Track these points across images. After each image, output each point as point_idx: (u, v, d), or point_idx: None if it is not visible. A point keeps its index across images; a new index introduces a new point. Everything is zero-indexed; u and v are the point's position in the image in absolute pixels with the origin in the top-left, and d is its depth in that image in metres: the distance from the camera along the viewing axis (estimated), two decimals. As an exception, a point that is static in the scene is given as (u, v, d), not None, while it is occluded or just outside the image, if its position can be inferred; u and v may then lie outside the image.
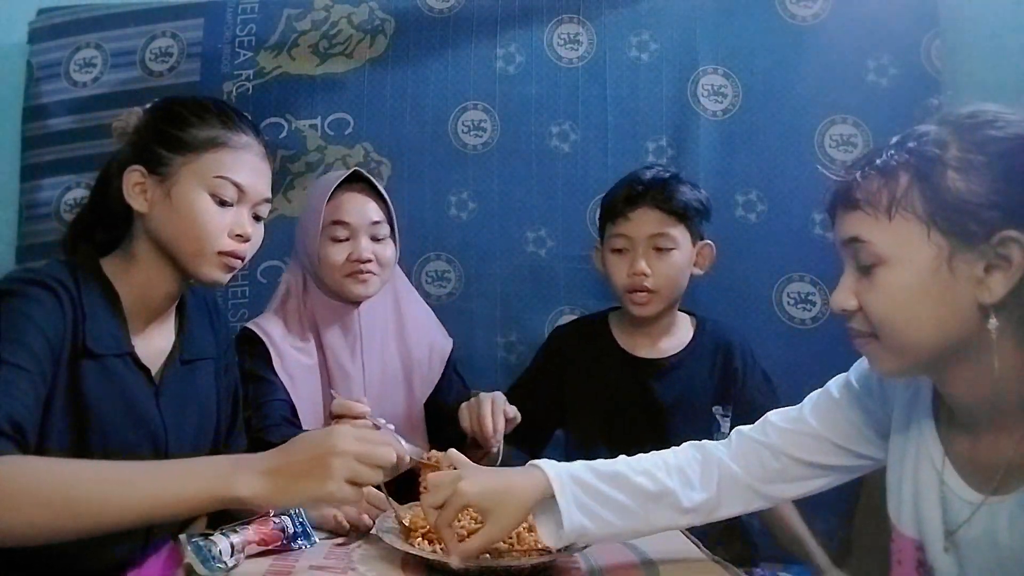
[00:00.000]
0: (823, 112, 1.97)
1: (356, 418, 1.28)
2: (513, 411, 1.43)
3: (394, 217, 1.60)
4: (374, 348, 1.60)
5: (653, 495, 1.08)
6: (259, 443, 1.34)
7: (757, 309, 1.96)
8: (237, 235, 1.17)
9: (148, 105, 1.23)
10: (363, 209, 1.55)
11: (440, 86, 2.06)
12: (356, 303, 1.58)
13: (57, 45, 2.15)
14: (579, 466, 1.08)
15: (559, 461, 1.14)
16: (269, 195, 1.23)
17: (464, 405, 1.45)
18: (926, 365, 0.93)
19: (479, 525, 1.08)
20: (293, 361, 1.52)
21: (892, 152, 0.90)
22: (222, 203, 1.16)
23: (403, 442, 1.21)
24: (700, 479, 1.10)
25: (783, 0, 2.00)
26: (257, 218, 1.22)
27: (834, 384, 1.13)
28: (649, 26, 2.04)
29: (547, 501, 1.04)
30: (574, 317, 1.97)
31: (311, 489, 0.90)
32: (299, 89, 2.07)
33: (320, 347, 1.57)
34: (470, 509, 1.10)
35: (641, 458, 1.13)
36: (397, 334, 1.65)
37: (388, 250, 1.57)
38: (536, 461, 1.07)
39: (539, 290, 2.03)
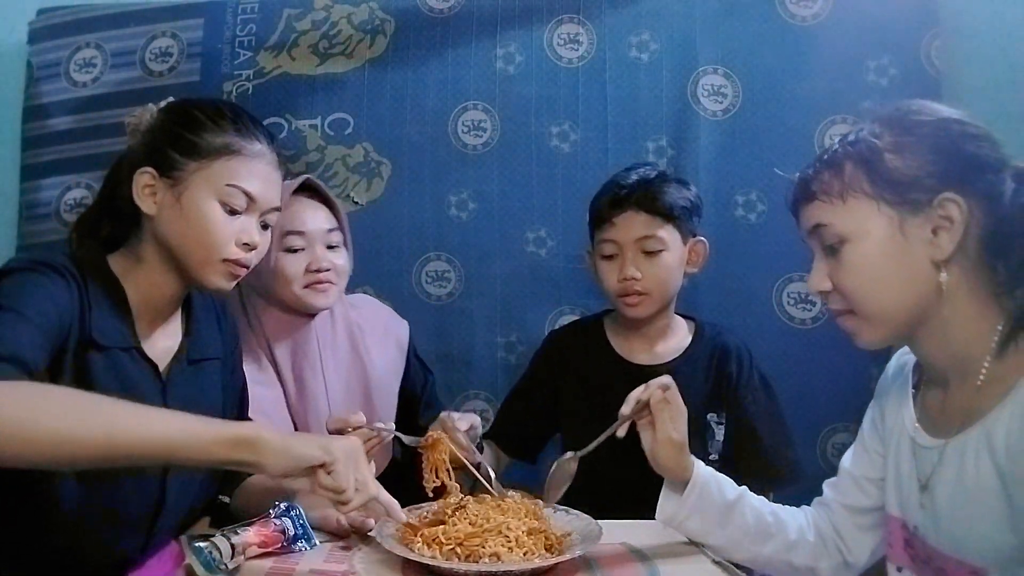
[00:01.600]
0: (823, 112, 1.96)
1: (356, 428, 1.27)
2: (468, 422, 1.36)
3: (346, 225, 1.57)
4: (334, 362, 1.56)
5: (767, 514, 1.22)
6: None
7: (757, 309, 1.96)
8: (244, 243, 1.17)
9: (162, 104, 1.23)
10: (316, 217, 1.52)
11: (440, 86, 2.06)
12: (311, 316, 1.55)
13: (57, 45, 2.15)
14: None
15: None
16: (279, 204, 1.23)
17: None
18: (901, 329, 1.02)
19: (476, 529, 1.09)
20: (258, 397, 1.46)
21: (836, 148, 1.04)
22: (232, 211, 1.16)
23: (404, 437, 1.27)
24: (805, 521, 1.23)
25: (783, 0, 2.00)
26: (265, 226, 1.22)
27: None
28: (649, 26, 2.03)
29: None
30: (574, 317, 1.97)
31: (307, 448, 0.99)
32: (299, 89, 2.07)
33: (275, 367, 1.53)
34: (468, 510, 1.14)
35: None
36: (352, 343, 1.61)
37: (342, 258, 1.55)
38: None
39: (539, 290, 2.03)
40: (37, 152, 2.14)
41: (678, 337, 1.66)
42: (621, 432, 1.22)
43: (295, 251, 1.50)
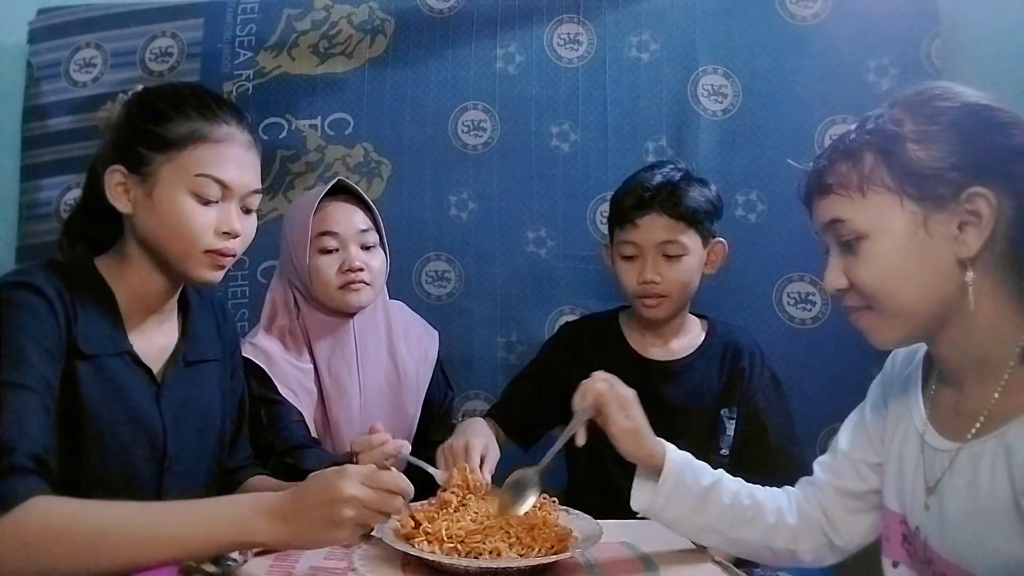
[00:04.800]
0: (823, 112, 1.97)
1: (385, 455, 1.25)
2: (493, 457, 1.36)
3: (381, 225, 1.58)
4: (370, 363, 1.58)
5: (744, 497, 1.17)
6: (286, 467, 1.36)
7: (757, 309, 1.96)
8: (224, 232, 1.14)
9: (128, 96, 1.20)
10: (350, 218, 1.53)
11: (440, 86, 2.06)
12: (349, 316, 1.56)
13: (57, 45, 2.15)
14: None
15: (560, 462, 1.18)
16: (258, 186, 1.19)
17: (439, 453, 1.37)
18: (921, 329, 0.97)
19: (477, 526, 1.09)
20: (293, 380, 1.51)
21: (853, 136, 0.98)
22: (206, 201, 1.12)
23: (430, 468, 1.26)
24: (786, 503, 1.18)
25: (783, 0, 2.00)
26: (248, 211, 1.19)
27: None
28: (649, 26, 2.04)
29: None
30: (574, 317, 1.97)
31: (323, 538, 0.95)
32: (299, 89, 2.07)
33: (314, 364, 1.55)
34: (472, 508, 1.15)
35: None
36: (388, 347, 1.63)
37: (378, 259, 1.56)
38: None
39: (539, 290, 2.03)
40: (37, 152, 2.14)
41: (692, 334, 1.67)
42: (580, 439, 1.19)
43: (329, 252, 1.51)
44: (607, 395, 1.17)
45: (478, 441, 1.35)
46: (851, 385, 1.89)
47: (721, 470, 1.22)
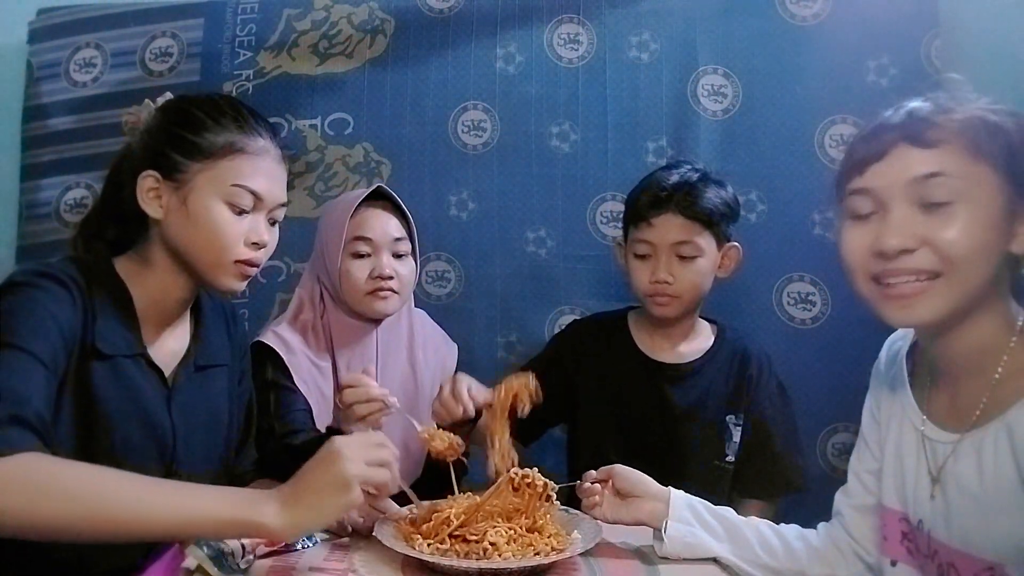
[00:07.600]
0: (823, 112, 1.96)
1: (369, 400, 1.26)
2: (480, 397, 1.34)
3: (416, 235, 1.59)
4: (388, 370, 1.57)
5: (761, 525, 1.20)
6: (284, 450, 1.35)
7: (757, 309, 1.96)
8: (253, 243, 1.16)
9: (160, 102, 1.21)
10: (386, 225, 1.54)
11: (440, 86, 2.06)
12: (375, 322, 1.57)
13: (57, 45, 2.15)
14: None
15: (562, 461, 1.19)
16: (285, 199, 1.22)
17: (435, 405, 1.38)
18: (961, 311, 0.96)
19: (477, 527, 1.09)
20: (307, 374, 1.50)
21: (964, 110, 0.96)
22: (240, 211, 1.14)
23: (415, 423, 1.27)
24: (812, 531, 1.21)
25: (783, 0, 2.00)
26: (273, 222, 1.21)
27: None
28: (649, 26, 2.04)
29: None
30: (575, 317, 1.97)
31: (334, 504, 0.92)
32: (299, 89, 2.07)
33: (334, 366, 1.55)
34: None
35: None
36: (409, 355, 1.63)
37: (408, 268, 1.56)
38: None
39: (539, 290, 2.03)
40: (37, 152, 2.14)
41: (701, 338, 1.66)
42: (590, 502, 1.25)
43: (361, 256, 1.52)
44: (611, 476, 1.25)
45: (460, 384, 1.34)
46: (851, 385, 1.88)
47: (730, 508, 1.23)
